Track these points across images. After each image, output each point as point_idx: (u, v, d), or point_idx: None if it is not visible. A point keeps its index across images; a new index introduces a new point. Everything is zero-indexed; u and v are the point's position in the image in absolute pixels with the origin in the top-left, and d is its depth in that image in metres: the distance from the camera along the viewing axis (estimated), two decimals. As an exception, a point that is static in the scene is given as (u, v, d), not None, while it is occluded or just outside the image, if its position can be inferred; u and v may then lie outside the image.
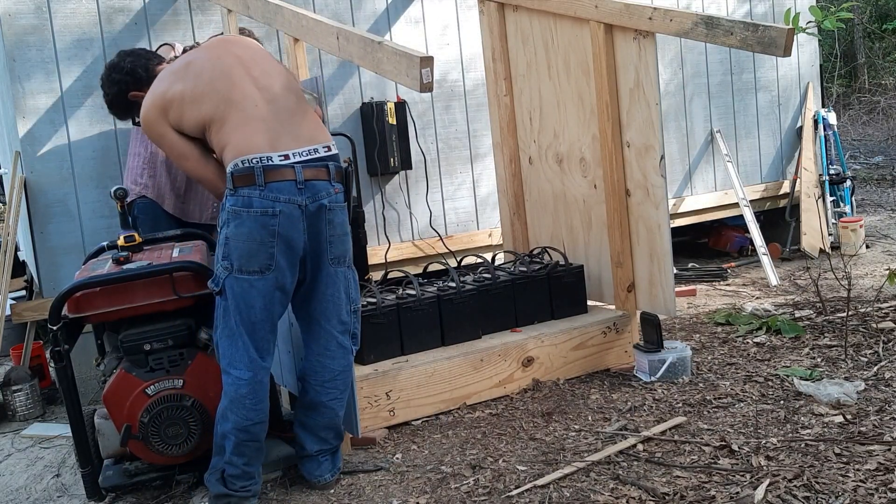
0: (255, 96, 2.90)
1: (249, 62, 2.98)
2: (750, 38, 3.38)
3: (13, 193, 4.51)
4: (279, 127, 2.88)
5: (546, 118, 4.59)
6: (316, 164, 2.87)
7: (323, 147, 2.93)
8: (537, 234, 4.83)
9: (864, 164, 11.29)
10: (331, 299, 2.99)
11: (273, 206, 2.78)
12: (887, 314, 4.51)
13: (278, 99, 2.93)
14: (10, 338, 5.08)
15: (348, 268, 3.02)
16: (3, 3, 4.32)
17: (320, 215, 2.88)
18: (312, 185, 2.85)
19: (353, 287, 3.06)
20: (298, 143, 2.88)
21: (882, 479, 2.66)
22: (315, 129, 2.97)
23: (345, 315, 3.04)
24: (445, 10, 5.43)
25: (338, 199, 2.94)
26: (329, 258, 2.94)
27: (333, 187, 2.92)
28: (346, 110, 5.16)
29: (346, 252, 3.00)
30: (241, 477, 2.89)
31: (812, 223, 6.46)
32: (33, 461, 3.74)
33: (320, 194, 2.87)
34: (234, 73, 2.93)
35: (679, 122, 6.30)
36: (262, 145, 2.82)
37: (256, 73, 2.96)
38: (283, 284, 2.87)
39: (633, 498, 2.71)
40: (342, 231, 2.97)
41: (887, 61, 16.62)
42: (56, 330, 2.94)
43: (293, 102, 2.97)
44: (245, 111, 2.86)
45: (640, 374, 3.94)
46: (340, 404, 3.07)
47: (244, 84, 2.91)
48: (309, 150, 2.88)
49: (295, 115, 2.94)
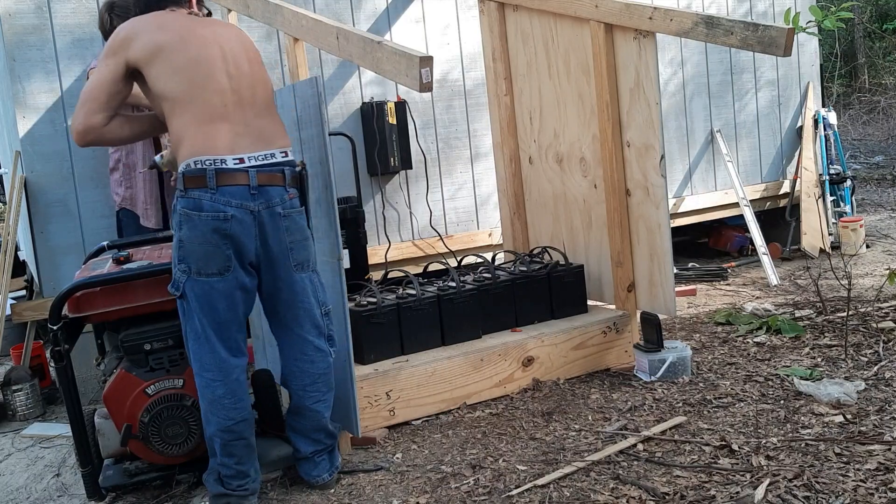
0: (225, 94, 2.83)
1: (230, 56, 2.89)
2: (750, 37, 3.38)
3: (13, 193, 4.51)
4: (240, 128, 2.82)
5: (546, 118, 4.59)
6: (271, 168, 2.81)
7: (280, 152, 2.88)
8: (537, 233, 4.84)
9: (865, 163, 11.29)
10: (301, 305, 2.94)
11: (224, 209, 2.72)
12: (887, 314, 4.51)
13: (246, 99, 2.87)
14: (10, 338, 5.08)
15: (313, 271, 2.99)
16: (4, 3, 4.32)
17: (275, 222, 2.82)
18: (266, 191, 2.79)
19: (321, 289, 3.02)
20: (256, 146, 2.82)
21: (882, 479, 2.66)
22: (276, 132, 2.92)
23: (318, 319, 3.00)
24: (445, 10, 5.43)
25: (293, 205, 2.88)
26: (292, 264, 2.89)
27: (288, 192, 2.86)
28: (346, 110, 5.16)
29: (310, 257, 2.96)
30: (235, 476, 2.88)
31: (812, 223, 6.46)
32: (33, 461, 3.74)
33: (274, 200, 2.81)
34: (214, 64, 2.84)
35: (679, 122, 6.30)
36: (217, 147, 2.76)
37: (233, 70, 2.88)
38: (243, 284, 2.82)
39: (633, 498, 2.71)
40: (302, 236, 2.92)
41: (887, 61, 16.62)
42: (56, 330, 2.94)
43: (260, 103, 2.92)
44: (210, 107, 2.79)
45: (641, 373, 3.94)
46: (325, 406, 3.04)
47: (220, 78, 2.83)
48: (266, 155, 2.83)
49: (259, 116, 2.88)
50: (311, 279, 2.97)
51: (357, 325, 3.59)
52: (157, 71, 2.80)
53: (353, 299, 3.79)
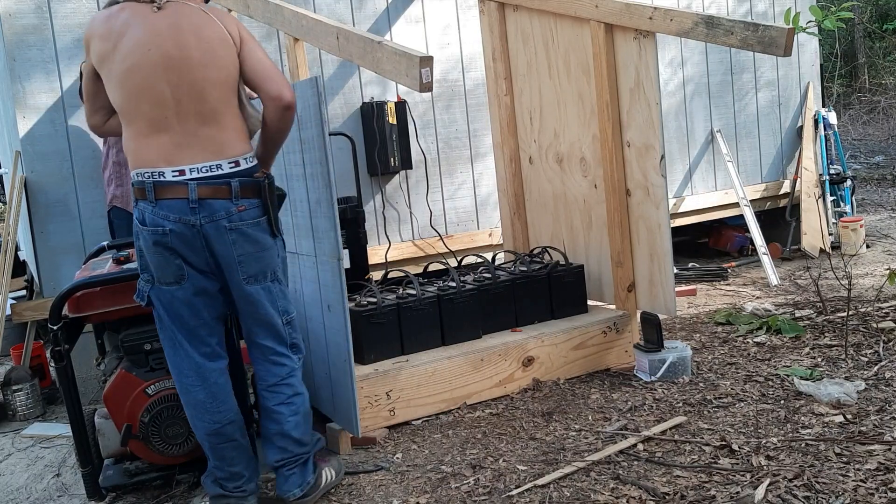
0: (164, 104, 2.64)
1: (175, 60, 2.64)
2: (750, 37, 3.38)
3: (13, 193, 4.51)
4: (182, 139, 2.65)
5: (546, 118, 4.59)
6: (215, 181, 2.65)
7: (229, 162, 2.68)
8: (537, 233, 4.84)
9: (865, 163, 11.29)
10: (256, 318, 2.84)
11: (163, 224, 2.64)
12: (887, 314, 4.51)
13: (189, 107, 2.65)
14: (10, 338, 5.09)
15: (272, 282, 2.83)
16: (4, 3, 4.32)
17: (221, 235, 2.68)
18: (209, 205, 2.65)
19: (282, 298, 2.88)
20: (201, 157, 2.65)
21: (882, 479, 2.66)
22: (226, 141, 2.69)
23: (279, 329, 2.87)
24: (446, 10, 5.43)
25: (243, 217, 2.69)
26: (242, 278, 2.76)
27: (237, 205, 2.68)
28: (346, 110, 5.16)
29: (265, 269, 2.79)
30: (230, 478, 2.86)
31: (812, 223, 6.46)
32: (34, 461, 3.74)
33: (218, 213, 2.66)
34: (153, 73, 2.63)
35: (679, 122, 6.30)
36: (156, 159, 2.65)
37: (174, 77, 2.64)
38: (203, 289, 2.76)
39: (634, 498, 2.71)
40: (256, 249, 2.75)
41: (887, 61, 16.62)
42: (56, 330, 2.94)
43: (209, 109, 2.67)
44: (149, 119, 2.65)
45: (641, 373, 3.94)
46: (289, 410, 2.90)
47: (158, 88, 2.64)
48: (210, 166, 2.66)
49: (207, 124, 2.67)
50: (268, 290, 2.82)
51: (357, 325, 3.59)
52: (104, 81, 2.73)
53: (354, 299, 3.79)
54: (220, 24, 2.72)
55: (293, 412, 2.91)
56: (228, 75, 2.70)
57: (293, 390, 2.92)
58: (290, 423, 2.89)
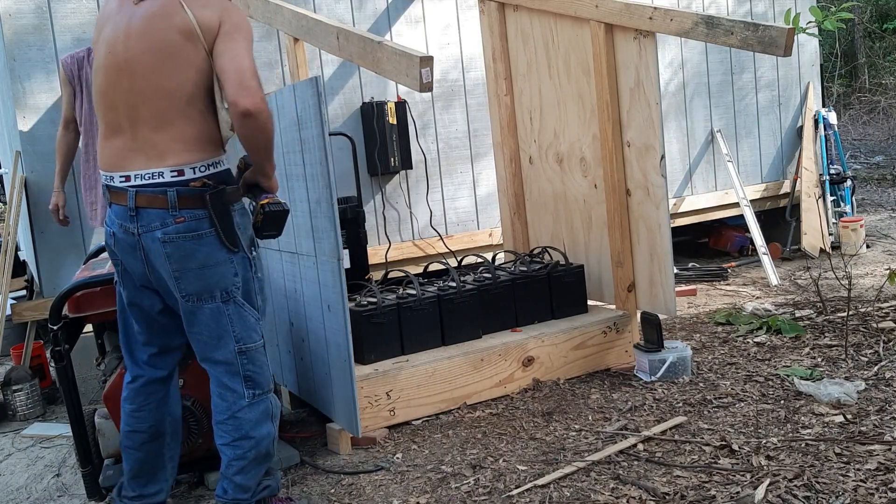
0: (119, 108, 2.57)
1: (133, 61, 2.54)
2: (750, 37, 3.38)
3: (14, 193, 4.51)
4: (134, 144, 2.55)
5: (546, 118, 4.59)
6: (153, 189, 2.51)
7: (171, 170, 2.52)
8: (537, 233, 4.84)
9: (865, 163, 11.29)
10: (198, 338, 2.65)
11: (111, 227, 2.61)
12: (888, 314, 4.51)
13: (143, 112, 2.54)
14: (10, 338, 5.08)
15: (224, 303, 2.60)
16: (4, 3, 4.32)
17: (155, 248, 2.53)
18: (145, 214, 2.52)
19: (238, 323, 2.63)
20: (146, 164, 2.53)
21: (882, 479, 2.66)
22: (172, 148, 2.54)
23: (225, 354, 2.64)
24: (446, 10, 5.43)
25: (179, 230, 2.52)
26: (181, 295, 2.58)
27: (174, 217, 2.51)
28: (346, 110, 5.16)
29: (211, 288, 2.58)
30: (125, 487, 2.79)
31: (812, 223, 6.46)
32: (34, 461, 3.74)
33: (153, 224, 2.52)
34: (112, 75, 2.57)
35: (679, 122, 6.30)
36: (110, 163, 2.59)
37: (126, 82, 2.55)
38: (134, 301, 2.68)
39: (634, 498, 2.71)
40: (197, 265, 2.55)
41: (887, 61, 16.62)
42: (56, 330, 2.94)
43: (160, 116, 2.53)
44: (107, 122, 2.61)
45: (641, 373, 3.94)
46: (233, 453, 2.65)
47: (115, 92, 2.57)
48: (153, 174, 2.52)
49: (157, 130, 2.53)
50: (216, 311, 2.60)
51: (357, 325, 3.59)
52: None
53: (354, 299, 3.79)
54: (190, 17, 2.51)
55: (238, 457, 2.65)
56: (184, 81, 2.52)
57: (240, 432, 2.64)
58: (232, 468, 2.66)
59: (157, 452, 2.79)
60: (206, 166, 2.57)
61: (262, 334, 2.71)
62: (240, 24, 2.55)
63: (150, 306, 2.69)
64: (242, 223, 2.64)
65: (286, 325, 3.78)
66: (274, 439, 2.74)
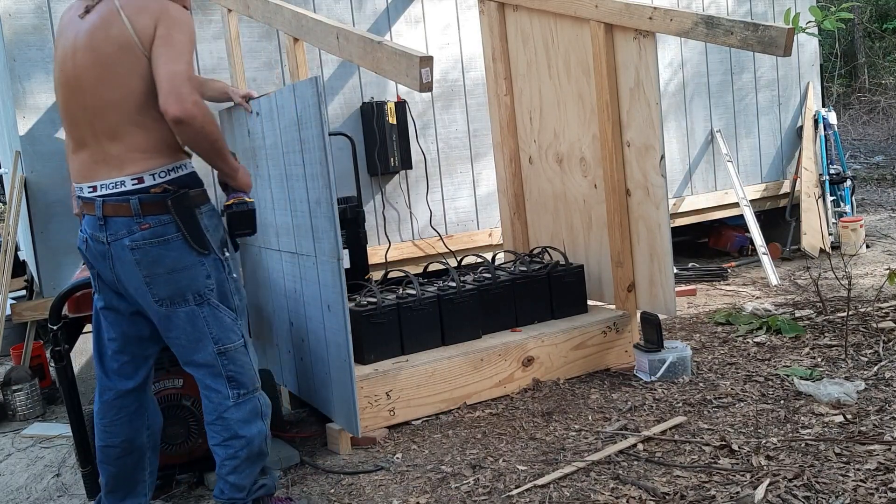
0: (80, 123, 2.62)
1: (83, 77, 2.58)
2: (750, 37, 3.38)
3: (13, 193, 4.51)
4: (98, 155, 2.60)
5: (546, 118, 4.59)
6: (117, 198, 2.55)
7: (132, 179, 2.55)
8: (537, 233, 4.84)
9: (865, 163, 11.29)
10: (175, 342, 2.67)
11: (83, 235, 2.66)
12: (887, 314, 4.51)
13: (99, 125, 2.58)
14: (10, 338, 5.08)
15: (198, 305, 2.62)
16: (4, 3, 4.32)
17: (124, 255, 2.57)
18: (112, 222, 2.56)
19: (214, 325, 2.65)
20: (109, 174, 2.58)
21: (882, 479, 2.66)
22: (130, 157, 2.57)
23: (205, 357, 2.66)
24: (446, 10, 5.43)
25: (145, 236, 2.55)
26: (154, 300, 2.60)
27: (139, 223, 2.55)
28: (346, 110, 5.16)
29: (182, 291, 2.60)
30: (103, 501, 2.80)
31: (812, 223, 6.46)
32: (33, 461, 3.74)
33: (120, 232, 2.56)
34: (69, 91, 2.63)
35: (679, 122, 6.30)
36: (78, 175, 2.65)
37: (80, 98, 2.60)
38: (110, 304, 2.70)
39: (633, 498, 2.71)
40: (166, 269, 2.57)
41: (887, 61, 16.62)
42: (56, 330, 2.94)
43: (112, 127, 2.57)
44: (72, 135, 2.66)
45: (641, 373, 3.94)
46: (225, 453, 2.69)
47: (74, 108, 2.63)
48: (115, 183, 2.56)
49: (114, 140, 2.57)
50: (191, 314, 2.62)
51: (357, 325, 3.59)
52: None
53: (353, 299, 3.79)
54: (127, 25, 2.53)
55: (230, 456, 2.69)
56: (130, 91, 2.54)
57: (230, 432, 2.67)
58: (225, 468, 2.70)
59: (134, 466, 2.79)
60: (167, 171, 2.60)
61: (241, 334, 2.72)
62: (176, 22, 2.55)
63: (123, 311, 2.71)
64: (211, 225, 2.65)
65: (286, 325, 3.78)
66: (266, 437, 2.75)
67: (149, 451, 2.81)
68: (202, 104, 2.50)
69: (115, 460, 2.75)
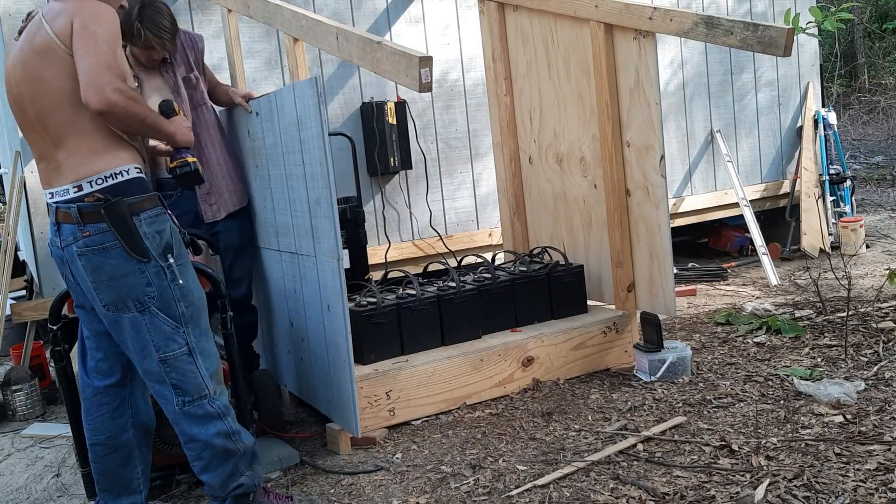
0: (34, 134, 2.65)
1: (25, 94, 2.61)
2: (750, 37, 3.38)
3: (13, 193, 4.51)
4: (55, 164, 2.63)
5: (546, 118, 4.59)
6: (65, 205, 2.59)
7: (73, 186, 2.57)
8: (537, 233, 4.84)
9: (864, 163, 11.29)
10: (125, 347, 2.69)
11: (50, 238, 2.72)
12: (887, 314, 4.51)
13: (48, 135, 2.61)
14: (10, 338, 5.09)
15: (140, 313, 2.60)
16: (4, 3, 4.32)
17: (74, 260, 2.61)
18: (63, 229, 2.61)
19: (155, 333, 2.62)
20: (58, 180, 2.62)
21: (882, 479, 2.66)
22: (72, 164, 2.59)
23: (150, 364, 2.64)
24: (445, 10, 5.43)
25: (87, 244, 2.56)
26: (101, 305, 2.62)
27: (81, 231, 2.56)
28: (346, 110, 5.16)
29: (123, 298, 2.59)
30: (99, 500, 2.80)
31: (812, 223, 6.46)
32: (33, 461, 3.74)
33: (68, 239, 2.59)
34: (14, 111, 2.70)
35: (679, 122, 6.30)
36: (41, 182, 2.70)
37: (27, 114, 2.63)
38: (80, 304, 2.76)
39: (633, 498, 2.71)
40: (105, 276, 2.57)
41: (887, 61, 16.62)
42: (56, 330, 2.94)
43: (55, 135, 2.59)
44: (34, 147, 2.69)
45: (640, 373, 3.94)
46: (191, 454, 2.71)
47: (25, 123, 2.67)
48: (62, 190, 2.60)
49: (59, 147, 2.60)
50: (133, 321, 2.61)
51: (357, 325, 3.59)
52: None
53: (353, 299, 3.79)
54: (48, 31, 2.55)
55: (194, 458, 2.71)
56: (63, 94, 2.54)
57: (186, 436, 2.69)
58: (196, 468, 2.73)
59: (122, 463, 2.79)
60: (103, 178, 2.59)
61: (183, 342, 2.65)
62: (92, 14, 2.54)
63: (91, 308, 2.73)
64: (151, 232, 2.61)
65: (286, 324, 3.78)
66: (229, 435, 2.70)
67: (137, 448, 2.82)
68: (123, 89, 2.47)
69: (103, 458, 2.78)
